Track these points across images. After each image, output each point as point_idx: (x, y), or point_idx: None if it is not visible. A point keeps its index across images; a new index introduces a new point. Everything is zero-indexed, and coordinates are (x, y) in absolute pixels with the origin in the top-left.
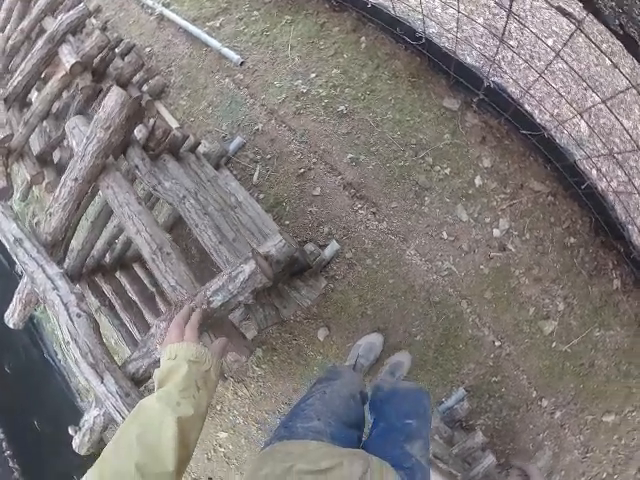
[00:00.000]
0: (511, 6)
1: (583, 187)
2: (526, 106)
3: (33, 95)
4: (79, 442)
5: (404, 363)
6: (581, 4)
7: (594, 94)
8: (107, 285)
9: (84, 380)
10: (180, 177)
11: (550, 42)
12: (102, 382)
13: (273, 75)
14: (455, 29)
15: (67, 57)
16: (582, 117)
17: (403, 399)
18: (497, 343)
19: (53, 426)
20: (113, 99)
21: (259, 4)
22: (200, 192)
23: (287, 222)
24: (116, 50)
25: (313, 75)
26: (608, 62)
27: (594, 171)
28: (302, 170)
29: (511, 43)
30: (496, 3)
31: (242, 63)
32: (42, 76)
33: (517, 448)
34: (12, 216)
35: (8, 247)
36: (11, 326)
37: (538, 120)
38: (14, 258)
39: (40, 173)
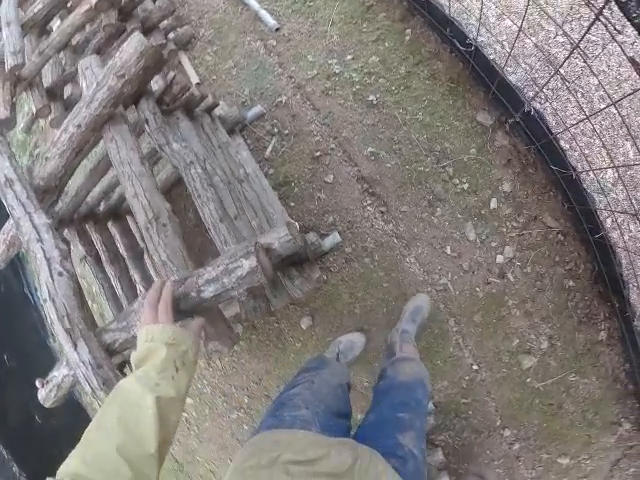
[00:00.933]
0: (579, 42)
1: (596, 236)
2: (562, 142)
3: (55, 24)
4: (45, 395)
5: (423, 307)
6: None
7: (634, 147)
8: (97, 234)
9: (58, 342)
10: (190, 139)
11: (609, 89)
12: (75, 349)
13: (307, 48)
14: (507, 43)
15: None
16: (616, 169)
17: (398, 393)
18: (475, 367)
19: (22, 362)
20: (132, 46)
21: None
22: (209, 159)
23: (292, 203)
24: None
25: (349, 57)
26: None
27: (610, 220)
28: (318, 153)
29: (564, 73)
30: (564, 34)
31: (277, 29)
32: (68, 4)
33: (470, 470)
34: (7, 153)
35: None
36: None
37: (570, 159)
38: (2, 199)
39: (47, 106)
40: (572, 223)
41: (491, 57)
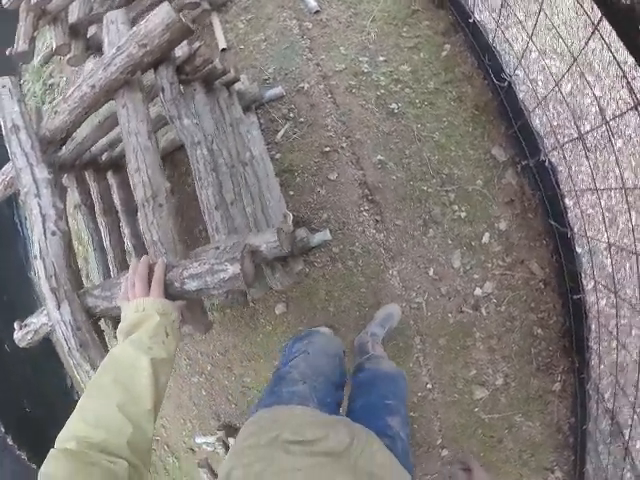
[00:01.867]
0: (609, 124)
1: (575, 296)
2: (567, 199)
3: None
4: (20, 337)
5: (394, 316)
6: None
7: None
8: (95, 183)
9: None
10: (203, 115)
11: (627, 173)
12: (58, 309)
13: (342, 39)
14: (541, 83)
15: None
16: (609, 245)
17: (383, 383)
18: (429, 385)
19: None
20: (159, 17)
21: None
22: (217, 138)
23: (292, 192)
24: None
25: (381, 58)
26: None
27: (591, 285)
28: (328, 149)
29: (588, 142)
30: (599, 107)
31: (317, 12)
32: None
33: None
34: (17, 96)
35: (3, 132)
36: None
37: (570, 216)
38: (6, 145)
39: (67, 45)
40: (556, 276)
41: (522, 95)
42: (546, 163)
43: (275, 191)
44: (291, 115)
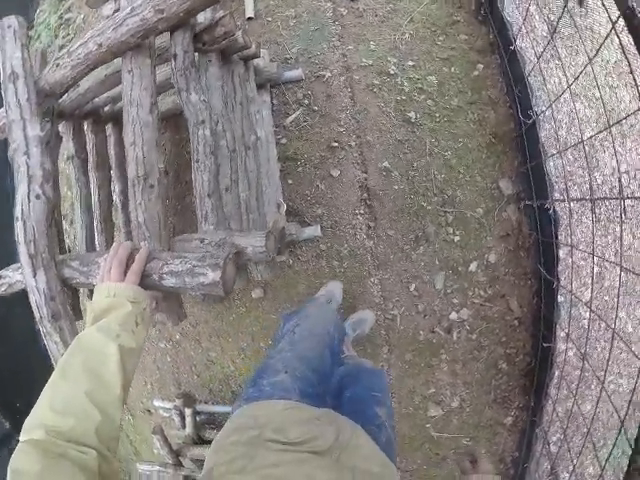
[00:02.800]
0: (622, 216)
1: (545, 344)
2: (561, 251)
3: None
4: None
5: (367, 323)
6: None
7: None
8: (92, 135)
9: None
10: (213, 91)
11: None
12: (34, 277)
13: (374, 34)
14: (565, 126)
15: None
16: (590, 309)
17: (367, 376)
18: None
19: None
20: None
21: None
22: (223, 119)
23: (291, 181)
24: None
25: (410, 63)
26: None
27: (562, 334)
28: (336, 144)
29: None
30: (618, 169)
31: (353, 0)
32: None
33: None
34: (22, 41)
35: (1, 78)
36: None
37: (559, 267)
38: (2, 92)
39: None
40: (532, 318)
41: (543, 134)
42: (550, 211)
43: (274, 178)
44: (305, 101)
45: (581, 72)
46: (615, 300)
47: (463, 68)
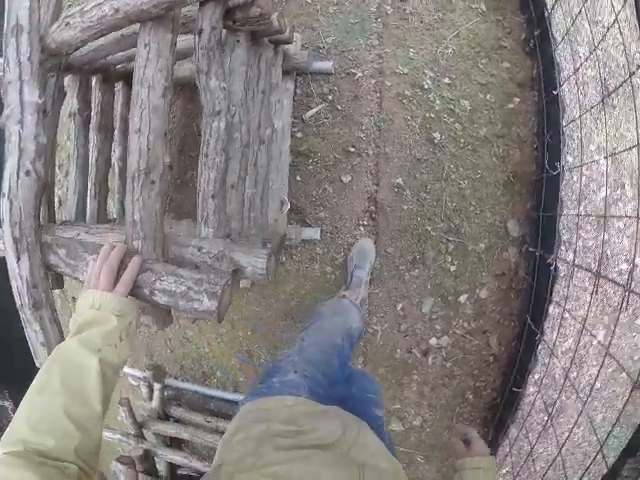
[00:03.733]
0: (622, 304)
1: (515, 388)
2: (552, 307)
3: None
4: None
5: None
6: None
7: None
8: (99, 93)
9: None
10: (235, 76)
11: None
12: (17, 261)
13: (416, 41)
14: (589, 189)
15: None
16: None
17: (360, 378)
18: None
19: None
20: None
21: None
22: (241, 109)
23: (299, 178)
24: None
25: (446, 81)
26: None
27: (532, 380)
28: (352, 149)
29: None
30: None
31: (403, 0)
32: None
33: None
34: None
35: (4, 28)
36: None
37: (545, 322)
38: (2, 46)
39: None
40: (507, 358)
41: (564, 186)
42: (552, 266)
43: (282, 173)
44: (330, 97)
45: (625, 150)
46: (592, 380)
47: (499, 98)
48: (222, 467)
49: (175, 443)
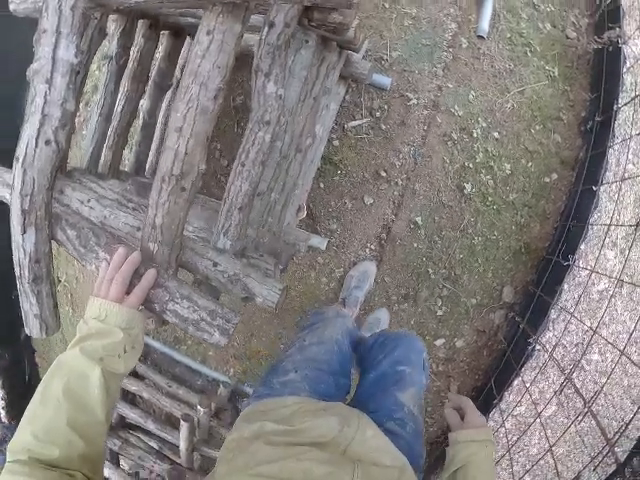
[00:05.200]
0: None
1: None
2: (516, 382)
3: None
4: None
5: (380, 320)
6: None
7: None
8: (142, 39)
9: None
10: (294, 81)
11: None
12: (22, 234)
13: (480, 85)
14: (591, 297)
15: None
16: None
17: (394, 344)
18: None
19: None
20: None
21: (558, 36)
22: (289, 117)
23: (322, 185)
24: None
25: (496, 134)
26: None
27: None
28: (383, 173)
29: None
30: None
31: (480, 37)
32: None
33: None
34: None
35: None
36: None
37: (506, 392)
38: None
39: None
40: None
41: (567, 284)
42: (532, 345)
43: (308, 178)
44: (377, 114)
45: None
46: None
47: (539, 169)
48: (217, 467)
49: (129, 397)
